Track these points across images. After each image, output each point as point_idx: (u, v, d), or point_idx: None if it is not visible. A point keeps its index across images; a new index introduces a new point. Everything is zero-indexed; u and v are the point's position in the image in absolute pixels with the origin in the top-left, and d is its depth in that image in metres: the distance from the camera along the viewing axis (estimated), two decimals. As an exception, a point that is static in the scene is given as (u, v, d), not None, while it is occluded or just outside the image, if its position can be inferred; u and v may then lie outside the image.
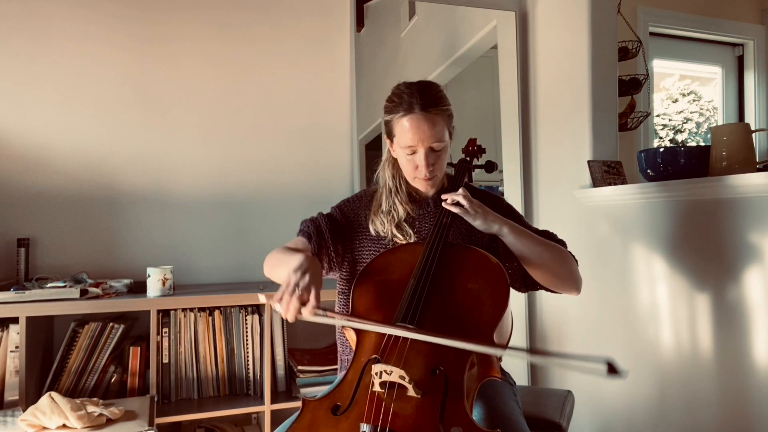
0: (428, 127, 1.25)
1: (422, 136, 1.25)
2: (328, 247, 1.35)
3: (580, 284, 1.33)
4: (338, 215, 1.42)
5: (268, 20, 2.31)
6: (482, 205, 1.28)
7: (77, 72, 2.08)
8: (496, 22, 2.55)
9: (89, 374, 1.79)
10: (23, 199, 2.01)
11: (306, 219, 1.41)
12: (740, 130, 1.69)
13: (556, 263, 1.29)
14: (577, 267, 1.34)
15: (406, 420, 0.95)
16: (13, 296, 1.67)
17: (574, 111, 2.24)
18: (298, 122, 2.34)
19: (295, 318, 1.01)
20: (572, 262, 1.33)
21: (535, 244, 1.28)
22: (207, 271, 2.22)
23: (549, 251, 1.29)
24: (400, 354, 1.05)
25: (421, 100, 1.25)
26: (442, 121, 1.27)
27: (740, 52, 3.30)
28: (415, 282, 1.14)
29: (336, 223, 1.40)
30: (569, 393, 1.65)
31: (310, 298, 1.01)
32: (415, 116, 1.25)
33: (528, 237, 1.28)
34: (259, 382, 1.97)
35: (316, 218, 1.40)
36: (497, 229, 1.27)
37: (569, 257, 1.33)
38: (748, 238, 1.56)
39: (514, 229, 1.27)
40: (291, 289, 1.01)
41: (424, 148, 1.27)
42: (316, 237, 1.35)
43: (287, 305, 1.00)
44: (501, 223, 1.27)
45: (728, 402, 1.63)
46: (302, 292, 1.01)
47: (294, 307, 1.00)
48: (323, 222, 1.38)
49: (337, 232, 1.38)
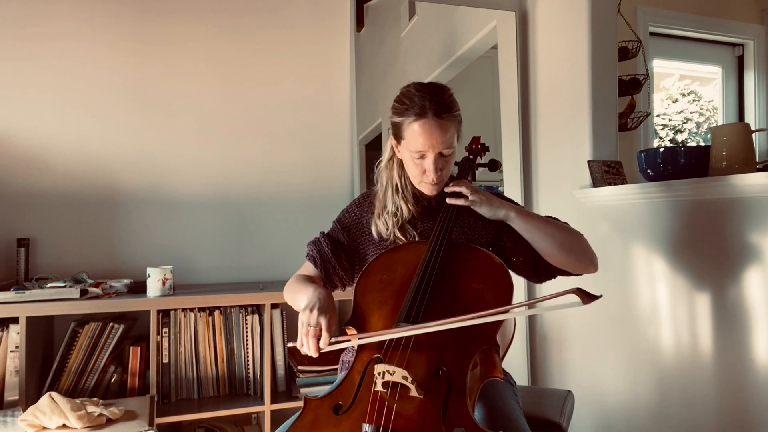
0: (440, 134, 1.23)
1: (434, 142, 1.24)
2: (335, 268, 1.37)
3: (596, 260, 1.33)
4: (339, 231, 1.42)
5: (268, 21, 2.31)
6: (486, 192, 1.29)
7: (77, 72, 2.08)
8: (496, 22, 2.55)
9: (89, 374, 1.79)
10: (23, 199, 2.01)
11: (309, 242, 1.42)
12: (740, 130, 1.69)
13: (568, 240, 1.29)
14: (588, 243, 1.34)
15: (409, 420, 0.95)
16: (13, 296, 1.67)
17: (574, 111, 2.24)
18: (298, 122, 2.34)
19: (318, 352, 1.09)
20: (584, 239, 1.33)
21: (544, 224, 1.29)
22: (207, 271, 2.22)
23: (559, 230, 1.30)
24: (402, 354, 1.05)
25: (434, 106, 1.23)
26: (453, 126, 1.26)
27: (740, 52, 3.31)
28: (418, 281, 1.14)
29: (337, 242, 1.40)
30: (569, 393, 1.65)
31: (323, 332, 1.08)
32: (428, 122, 1.23)
33: (536, 218, 1.30)
34: (259, 382, 1.97)
35: (318, 241, 1.40)
36: (504, 214, 1.27)
37: (580, 234, 1.34)
38: (748, 238, 1.56)
39: (521, 211, 1.29)
40: (305, 330, 1.09)
41: (434, 154, 1.26)
42: (321, 262, 1.37)
43: (307, 345, 1.08)
44: (507, 207, 1.28)
45: (728, 402, 1.63)
46: (314, 329, 1.08)
47: (313, 345, 1.07)
48: (325, 244, 1.38)
49: (340, 250, 1.39)
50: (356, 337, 1.11)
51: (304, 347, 1.09)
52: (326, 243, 1.38)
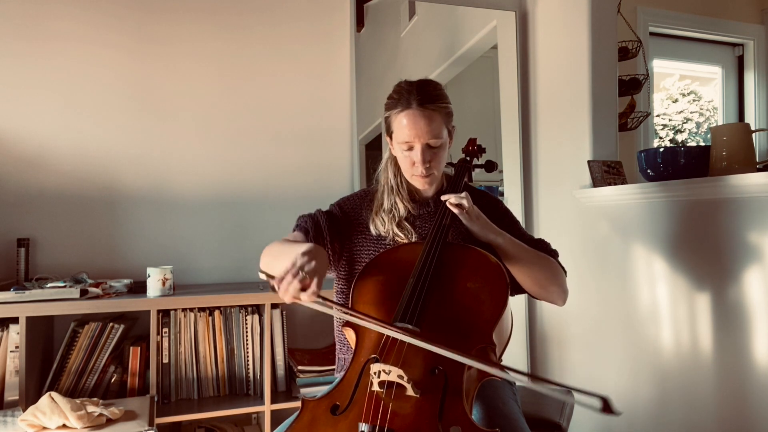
0: (425, 123, 1.25)
1: (418, 132, 1.25)
2: (326, 244, 1.34)
3: (565, 297, 1.36)
4: (338, 212, 1.41)
5: (268, 20, 2.31)
6: (482, 215, 1.29)
7: (77, 72, 2.08)
8: (496, 22, 2.55)
9: (89, 374, 1.80)
10: (23, 199, 2.01)
11: (303, 214, 1.39)
12: (740, 130, 1.69)
13: (545, 277, 1.32)
14: (564, 279, 1.36)
15: (405, 419, 0.95)
16: (13, 296, 1.67)
17: (574, 111, 2.24)
18: (298, 122, 2.34)
19: (292, 300, 0.95)
20: (560, 275, 1.35)
21: (526, 260, 1.30)
22: (207, 271, 2.22)
23: (539, 265, 1.31)
24: (398, 353, 1.05)
25: (418, 96, 1.25)
26: (439, 117, 1.27)
27: (740, 52, 3.30)
28: (415, 281, 1.15)
29: (335, 220, 1.39)
30: (569, 393, 1.65)
31: (312, 284, 0.95)
32: (412, 112, 1.25)
33: (521, 252, 1.30)
34: (259, 382, 1.97)
35: (315, 214, 1.39)
36: (492, 239, 1.28)
37: (558, 271, 1.35)
38: (748, 238, 1.56)
39: (508, 242, 1.29)
40: (295, 271, 0.96)
41: (420, 144, 1.27)
42: (314, 233, 1.33)
43: (287, 285, 0.94)
44: (495, 235, 1.29)
45: (728, 402, 1.63)
46: (306, 276, 0.95)
47: (294, 288, 0.94)
48: (322, 218, 1.37)
49: (335, 229, 1.37)
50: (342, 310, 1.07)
51: (282, 285, 0.95)
52: (323, 218, 1.37)
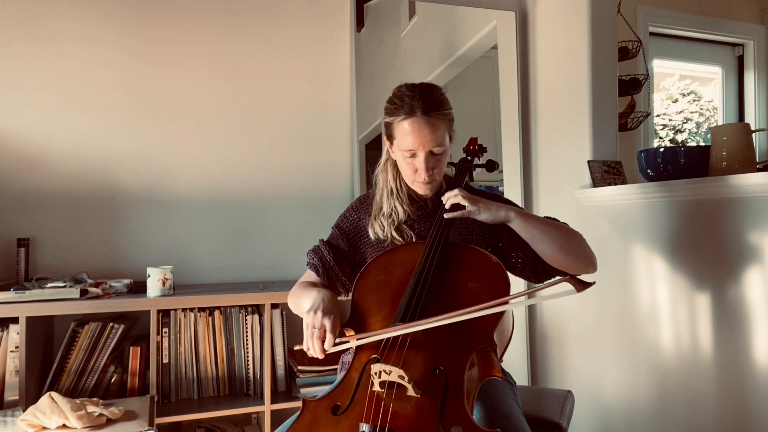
0: (429, 132, 1.24)
1: (423, 140, 1.24)
2: (338, 275, 1.37)
3: (595, 260, 1.33)
4: (339, 237, 1.42)
5: (268, 20, 2.31)
6: (481, 199, 1.29)
7: (77, 72, 2.08)
8: (496, 22, 2.55)
9: (89, 374, 1.79)
10: (23, 199, 2.01)
11: (309, 250, 1.42)
12: (740, 130, 1.69)
13: (568, 241, 1.29)
14: (586, 242, 1.34)
15: (406, 419, 0.95)
16: (13, 296, 1.67)
17: (574, 111, 2.24)
18: (298, 122, 2.34)
19: (324, 354, 1.11)
20: (582, 239, 1.34)
21: (543, 225, 1.29)
22: (207, 271, 2.22)
23: (558, 231, 1.30)
24: (399, 354, 1.05)
25: (423, 104, 1.23)
26: (443, 125, 1.26)
27: (740, 52, 3.30)
28: (415, 281, 1.15)
29: (338, 248, 1.40)
30: (569, 393, 1.65)
31: (327, 334, 1.10)
32: (417, 120, 1.24)
33: (535, 219, 1.30)
34: (259, 382, 1.97)
35: (318, 249, 1.40)
36: (504, 215, 1.27)
37: (579, 235, 1.34)
38: (748, 238, 1.56)
39: (520, 212, 1.28)
40: (309, 332, 1.11)
41: (424, 152, 1.26)
42: (323, 269, 1.37)
43: (312, 347, 1.10)
44: (506, 209, 1.28)
45: (728, 402, 1.63)
46: (318, 331, 1.10)
47: (318, 347, 1.09)
48: (326, 251, 1.39)
49: (341, 257, 1.39)
50: (354, 338, 1.11)
51: (310, 350, 1.11)
52: (327, 250, 1.38)
